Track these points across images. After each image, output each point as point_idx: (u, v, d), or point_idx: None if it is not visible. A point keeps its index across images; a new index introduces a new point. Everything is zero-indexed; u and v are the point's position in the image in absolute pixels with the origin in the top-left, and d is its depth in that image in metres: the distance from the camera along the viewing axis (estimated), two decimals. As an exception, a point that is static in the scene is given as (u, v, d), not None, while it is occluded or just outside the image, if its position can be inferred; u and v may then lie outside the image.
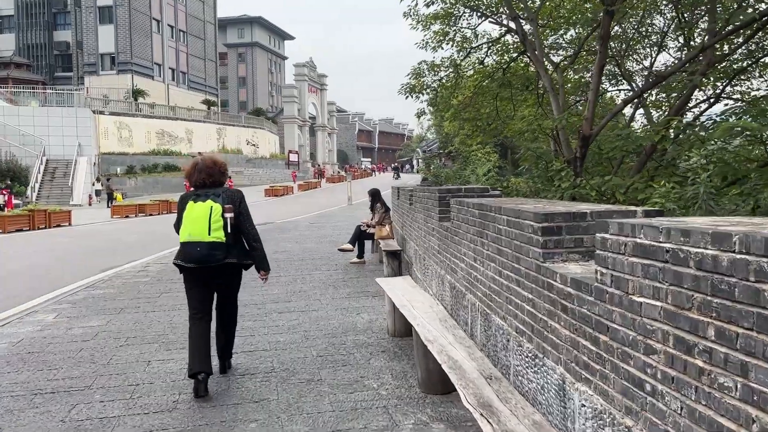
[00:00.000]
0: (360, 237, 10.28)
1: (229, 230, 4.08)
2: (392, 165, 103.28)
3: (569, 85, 16.11)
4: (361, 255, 10.32)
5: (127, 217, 25.48)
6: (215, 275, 4.23)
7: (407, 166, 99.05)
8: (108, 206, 30.18)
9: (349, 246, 10.10)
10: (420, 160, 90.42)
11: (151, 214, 27.09)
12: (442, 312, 5.01)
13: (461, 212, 4.83)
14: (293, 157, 73.14)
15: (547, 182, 11.72)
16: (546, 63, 13.97)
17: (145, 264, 10.95)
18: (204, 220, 4.03)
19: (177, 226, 4.26)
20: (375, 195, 10.44)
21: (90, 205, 36.16)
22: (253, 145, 64.26)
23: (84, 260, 11.86)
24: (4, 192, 26.93)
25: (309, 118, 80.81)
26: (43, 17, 60.81)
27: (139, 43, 57.98)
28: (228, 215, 4.09)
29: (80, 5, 57.44)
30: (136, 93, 52.38)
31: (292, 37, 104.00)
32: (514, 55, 16.23)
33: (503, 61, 16.50)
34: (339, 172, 76.62)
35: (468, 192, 5.85)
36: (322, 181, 60.32)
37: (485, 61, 17.18)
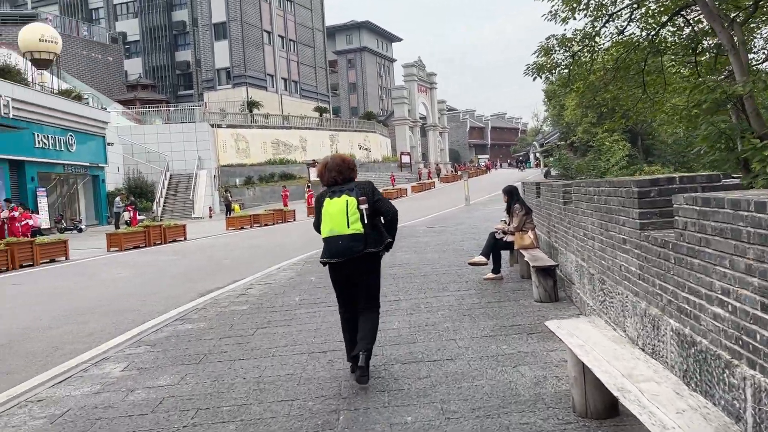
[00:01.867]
0: (495, 247, 8.29)
1: (365, 221, 4.24)
2: (510, 160, 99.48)
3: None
4: (497, 269, 8.33)
5: (242, 228, 25.05)
6: (357, 266, 4.37)
7: (524, 161, 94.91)
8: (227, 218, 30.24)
9: (483, 259, 8.14)
10: (537, 154, 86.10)
11: (265, 224, 26.57)
12: (674, 381, 2.90)
13: (706, 217, 2.75)
14: (405, 159, 71.94)
15: (735, 166, 9.09)
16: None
17: (247, 285, 9.63)
18: (342, 215, 4.24)
19: (316, 225, 4.49)
20: (512, 193, 8.40)
21: (210, 217, 36.73)
22: (366, 149, 63.75)
23: (184, 282, 10.79)
24: (129, 208, 27.51)
25: (419, 118, 79.42)
26: (165, 40, 63.96)
27: (252, 56, 59.30)
28: (363, 206, 4.26)
29: (197, 24, 59.74)
30: (251, 105, 53.39)
31: (399, 39, 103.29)
32: (664, 19, 13.49)
33: (649, 24, 13.75)
34: (451, 171, 74.38)
35: (685, 182, 3.71)
36: (436, 181, 58.45)
37: (626, 30, 14.53)
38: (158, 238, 19.31)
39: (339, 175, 4.42)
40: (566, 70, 14.76)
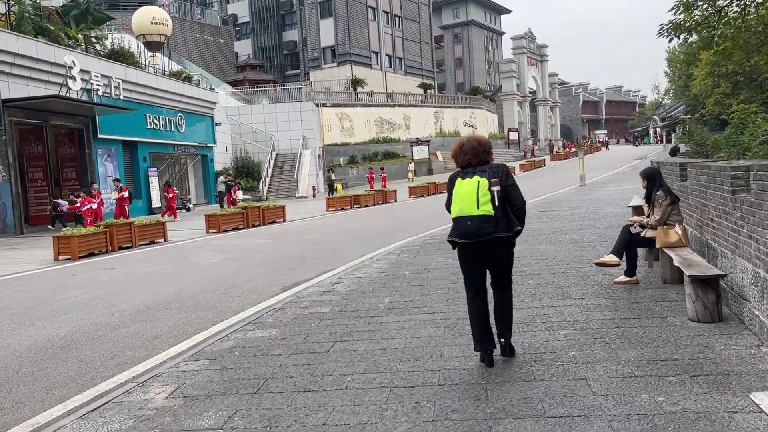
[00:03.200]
0: (630, 244, 6.68)
1: (496, 203, 4.14)
2: (627, 136, 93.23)
3: None
4: (632, 272, 6.73)
5: (341, 209, 24.38)
6: (486, 250, 4.26)
7: (639, 137, 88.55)
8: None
9: (614, 259, 6.57)
10: (658, 129, 79.79)
11: (366, 205, 25.77)
12: None
13: None
14: (513, 136, 69.03)
15: None
16: None
17: (336, 279, 8.62)
18: (472, 195, 4.17)
19: (447, 204, 4.44)
20: (653, 177, 6.70)
21: (314, 197, 36.60)
22: (471, 125, 61.65)
23: (271, 272, 9.98)
24: (235, 189, 27.61)
25: (529, 92, 75.88)
26: (273, 20, 64.86)
27: (357, 33, 58.73)
28: (495, 188, 4.16)
29: (303, 3, 59.95)
30: (355, 83, 52.88)
31: (508, 11, 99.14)
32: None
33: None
34: (562, 149, 70.41)
35: None
36: (547, 158, 55.40)
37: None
38: (257, 219, 18.94)
39: (474, 158, 4.34)
40: (710, 28, 12.43)
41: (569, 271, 7.76)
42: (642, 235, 6.66)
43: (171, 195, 24.59)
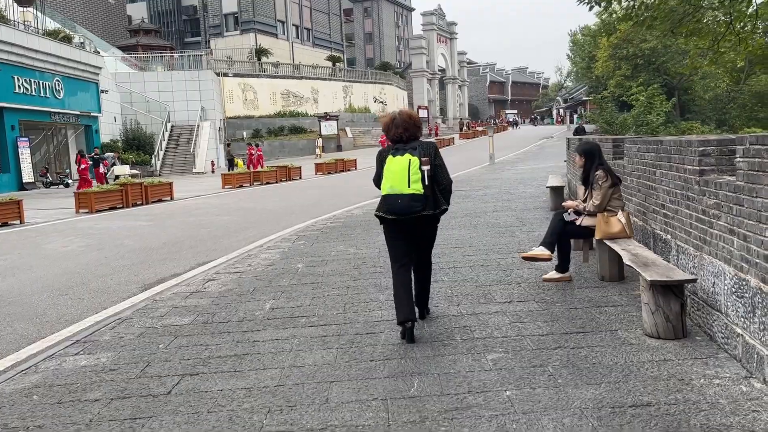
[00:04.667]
0: (563, 234, 5.56)
1: (426, 182, 4.18)
2: (532, 116, 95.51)
3: None
4: (564, 267, 5.63)
5: (240, 186, 22.42)
6: (413, 226, 4.33)
7: (537, 117, 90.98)
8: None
9: (545, 252, 5.42)
10: (561, 110, 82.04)
11: (268, 182, 23.93)
12: None
13: None
14: (422, 113, 68.41)
15: None
16: None
17: (212, 273, 7.05)
18: (404, 173, 4.18)
19: (376, 180, 4.44)
20: (592, 154, 5.56)
21: (213, 172, 34.11)
22: (381, 102, 60.47)
23: (134, 265, 8.22)
24: (105, 163, 24.56)
25: (438, 70, 75.47)
26: (170, -18, 60.33)
27: (262, 1, 55.64)
28: (425, 168, 4.19)
29: (203, -35, 56.04)
30: (260, 52, 50.12)
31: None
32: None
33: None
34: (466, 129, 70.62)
35: None
36: (455, 137, 55.21)
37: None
38: (139, 197, 16.77)
39: (405, 132, 4.36)
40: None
41: (489, 264, 6.60)
42: (578, 223, 5.55)
43: (83, 166, 21.66)
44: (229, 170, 30.37)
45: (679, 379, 3.32)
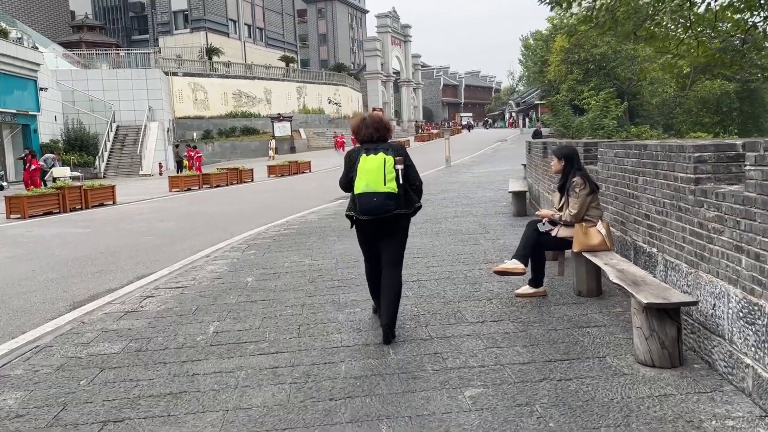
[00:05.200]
0: (536, 245, 5.13)
1: (400, 181, 4.20)
2: (486, 119, 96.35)
3: None
4: (539, 281, 5.20)
5: (188, 190, 21.45)
6: (385, 227, 4.30)
7: (490, 121, 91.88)
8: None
9: (519, 266, 4.97)
10: (513, 113, 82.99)
11: (218, 185, 23.01)
12: None
13: None
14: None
15: None
16: None
17: (151, 289, 6.35)
18: (379, 172, 4.16)
19: (343, 181, 4.41)
20: (570, 159, 5.15)
21: (161, 174, 32.81)
22: (336, 103, 59.79)
23: (64, 279, 7.43)
24: (35, 162, 22.96)
25: (393, 72, 75.26)
26: (116, -22, 58.22)
27: (212, -2, 54.23)
28: (399, 166, 4.21)
29: (151, -39, 54.26)
30: (211, 51, 48.74)
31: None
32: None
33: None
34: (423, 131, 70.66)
35: None
36: (411, 139, 55.01)
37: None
38: (78, 201, 15.71)
39: (376, 132, 4.37)
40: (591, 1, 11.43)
41: (456, 277, 6.12)
42: (553, 234, 5.13)
43: (34, 167, 20.33)
44: (177, 172, 29.22)
45: (687, 420, 2.89)
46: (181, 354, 4.28)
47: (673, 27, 12.08)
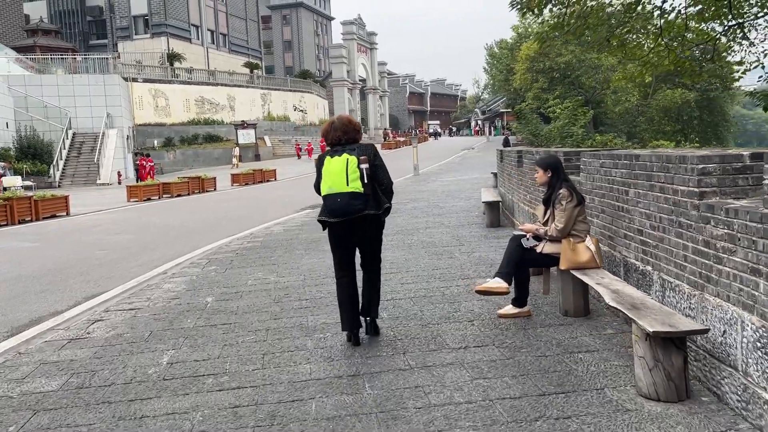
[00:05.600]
0: (520, 263, 4.78)
1: (365, 180, 4.16)
2: (451, 127, 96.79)
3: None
4: (523, 301, 4.85)
5: (148, 200, 20.66)
6: (356, 229, 4.27)
7: (455, 129, 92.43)
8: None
9: (502, 285, 4.61)
10: (479, 121, 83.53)
11: (179, 195, 22.24)
12: None
13: None
14: (344, 123, 67.50)
15: None
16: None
17: (100, 311, 5.80)
18: (342, 172, 4.14)
19: (317, 185, 4.38)
20: (555, 168, 4.82)
21: (120, 183, 31.71)
22: (301, 110, 59.13)
23: (6, 300, 6.80)
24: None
25: (359, 80, 74.98)
26: (73, -19, 56.63)
27: (174, 2, 53.13)
28: (363, 166, 4.18)
29: (110, -37, 52.93)
30: (172, 57, 47.65)
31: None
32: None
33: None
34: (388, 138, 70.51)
35: None
36: (378, 147, 54.60)
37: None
38: (27, 213, 14.87)
39: (344, 135, 4.33)
40: (561, 5, 11.26)
41: (433, 295, 5.74)
42: (538, 250, 4.78)
43: None
44: (137, 181, 28.27)
45: (708, 469, 2.54)
46: (129, 391, 3.78)
47: (644, 33, 11.98)
